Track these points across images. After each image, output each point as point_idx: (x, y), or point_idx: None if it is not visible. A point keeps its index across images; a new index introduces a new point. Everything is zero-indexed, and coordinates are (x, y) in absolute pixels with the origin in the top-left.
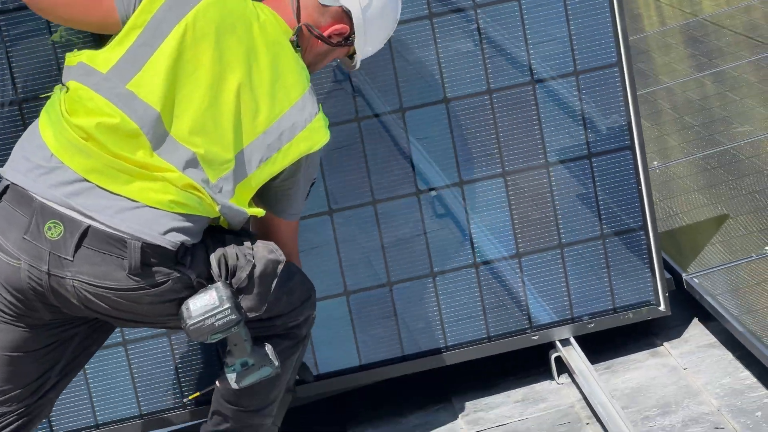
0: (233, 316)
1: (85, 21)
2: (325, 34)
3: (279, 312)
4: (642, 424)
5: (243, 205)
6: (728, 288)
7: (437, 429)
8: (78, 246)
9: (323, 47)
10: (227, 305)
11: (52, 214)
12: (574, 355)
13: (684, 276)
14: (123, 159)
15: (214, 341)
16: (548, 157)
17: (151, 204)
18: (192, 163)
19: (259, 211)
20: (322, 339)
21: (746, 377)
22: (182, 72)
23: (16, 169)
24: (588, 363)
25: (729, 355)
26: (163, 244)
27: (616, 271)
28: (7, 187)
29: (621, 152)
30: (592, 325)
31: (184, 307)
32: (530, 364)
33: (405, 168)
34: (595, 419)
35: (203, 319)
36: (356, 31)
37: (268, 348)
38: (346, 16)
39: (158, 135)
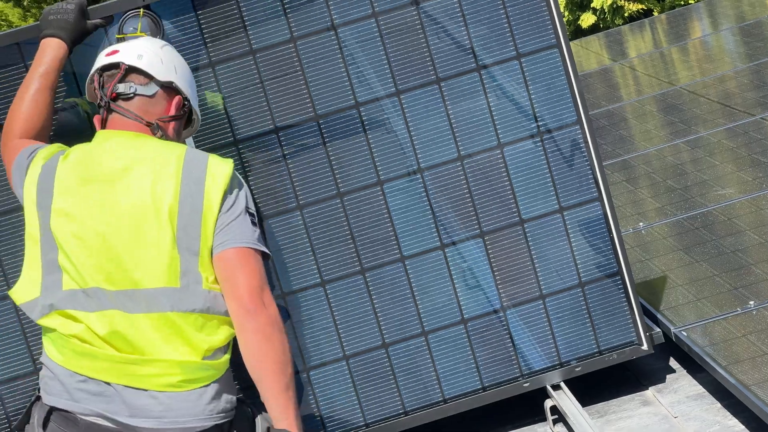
0: None
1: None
2: (172, 113)
3: None
4: None
5: (214, 283)
6: (715, 340)
7: None
8: None
9: (174, 125)
10: None
11: (99, 429)
12: (567, 401)
13: (672, 329)
14: (118, 350)
15: None
16: (522, 215)
17: (167, 389)
18: (151, 295)
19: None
20: (329, 399)
21: (734, 424)
22: (86, 245)
23: (49, 392)
24: (581, 408)
25: (717, 404)
26: (207, 425)
27: (597, 316)
28: (50, 411)
29: (590, 204)
30: (579, 368)
31: None
32: (528, 413)
33: (388, 235)
34: None
35: None
36: (186, 93)
37: None
38: (169, 89)
39: (116, 301)
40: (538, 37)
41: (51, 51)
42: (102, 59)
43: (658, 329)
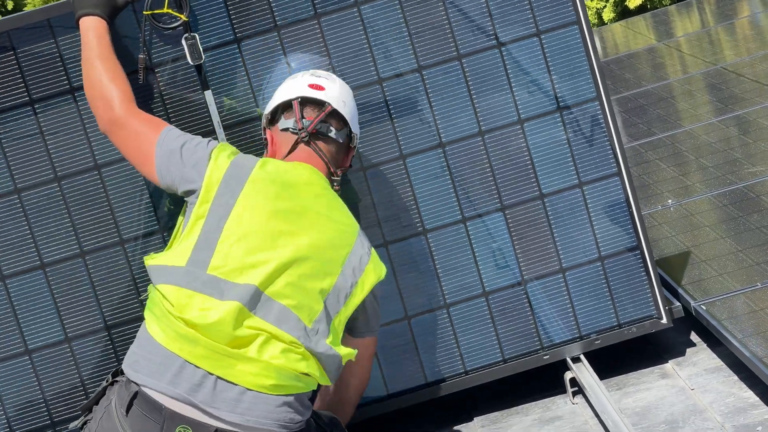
0: None
1: (133, 163)
2: (347, 165)
3: None
4: None
5: (337, 345)
6: (734, 314)
7: None
8: None
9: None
10: None
11: (181, 420)
12: (586, 374)
13: (692, 303)
14: (222, 342)
15: None
16: (542, 189)
17: (257, 389)
18: (286, 314)
19: (351, 353)
20: None
21: (749, 396)
22: (254, 244)
23: (139, 371)
24: (599, 381)
25: (734, 377)
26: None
27: (617, 290)
28: (136, 393)
29: (610, 179)
30: (599, 341)
31: None
32: (547, 385)
33: (410, 209)
34: None
35: None
36: (356, 142)
37: None
38: (349, 138)
39: (250, 301)
40: (558, 14)
41: (93, 30)
42: (305, 89)
43: (678, 303)
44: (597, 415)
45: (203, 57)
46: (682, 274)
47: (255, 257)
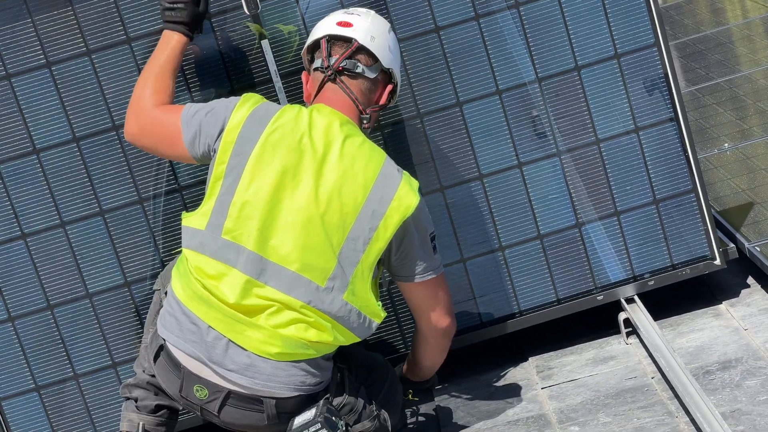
0: (324, 430)
1: (166, 155)
2: (382, 102)
3: None
4: (703, 377)
5: (359, 297)
6: None
7: (514, 383)
8: (222, 405)
9: (378, 112)
10: (320, 420)
11: (198, 380)
12: (639, 314)
13: (747, 245)
14: (234, 308)
15: None
16: (598, 134)
17: (263, 355)
18: (296, 280)
19: (373, 305)
20: (406, 314)
21: None
22: (262, 204)
23: (164, 326)
24: (652, 321)
25: None
26: (293, 395)
27: (671, 232)
28: (161, 346)
29: (665, 124)
30: (653, 282)
31: (291, 421)
32: (601, 326)
33: (467, 154)
34: (659, 374)
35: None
36: (397, 79)
37: None
38: (386, 74)
39: (260, 269)
40: None
41: (169, 50)
42: (332, 27)
43: (733, 245)
44: (650, 355)
45: (260, 6)
46: (737, 216)
47: (262, 221)
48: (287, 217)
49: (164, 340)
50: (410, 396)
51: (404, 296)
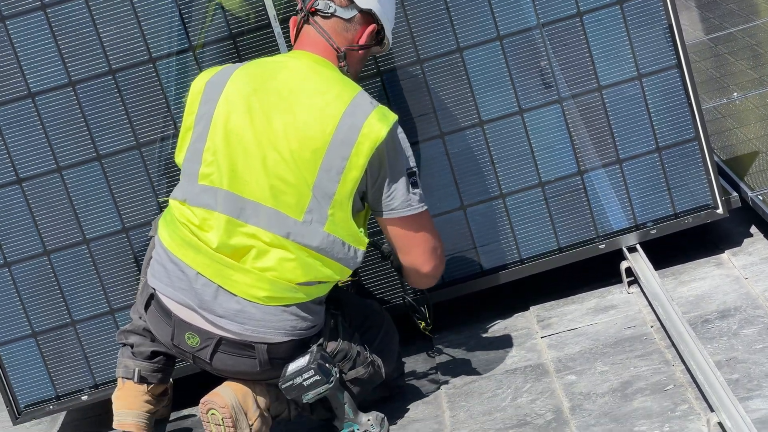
0: (318, 377)
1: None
2: (362, 42)
3: None
4: (701, 326)
5: (340, 227)
6: None
7: (514, 333)
8: (214, 353)
9: (361, 54)
10: (313, 366)
11: (189, 327)
12: (641, 263)
13: (750, 194)
14: (220, 251)
15: (309, 401)
16: (600, 81)
17: (252, 299)
18: (273, 216)
19: (355, 233)
20: None
21: None
22: (233, 145)
23: (153, 275)
24: (653, 270)
25: None
26: (284, 340)
27: (673, 181)
28: (152, 295)
29: (669, 71)
30: (655, 231)
31: (285, 367)
32: (603, 275)
33: (467, 100)
34: (659, 323)
35: (293, 379)
36: (382, 21)
37: (372, 415)
38: (367, 15)
39: (239, 207)
40: None
41: None
42: None
43: (736, 194)
44: (651, 304)
45: None
46: (742, 165)
47: (234, 161)
48: (258, 156)
49: (154, 289)
50: (423, 328)
51: (387, 238)
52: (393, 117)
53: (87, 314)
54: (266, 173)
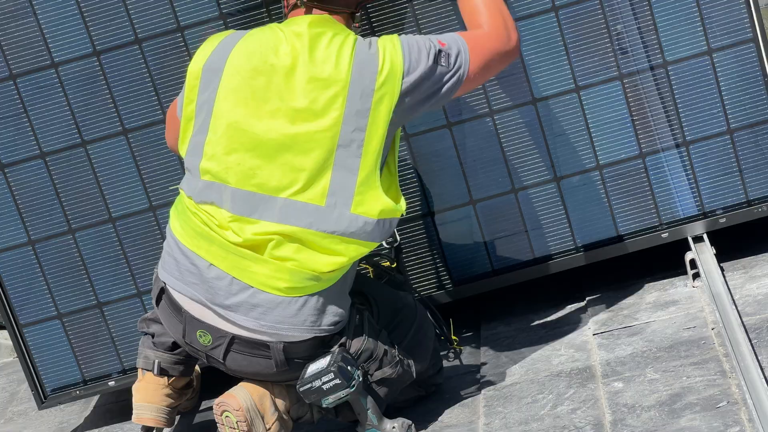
0: (338, 381)
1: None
2: None
3: None
4: (767, 331)
5: (371, 206)
6: None
7: (566, 327)
8: (227, 352)
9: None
10: (333, 369)
11: (200, 324)
12: (706, 255)
13: None
14: (234, 242)
15: (329, 405)
16: (666, 57)
17: (271, 291)
18: (290, 207)
19: (389, 206)
20: (454, 246)
21: None
22: (237, 137)
23: (164, 268)
24: (716, 263)
25: None
26: (304, 338)
27: (746, 165)
28: (162, 289)
29: (743, 45)
30: (724, 219)
31: (304, 369)
32: (667, 266)
33: (520, 77)
34: (721, 325)
35: (311, 382)
36: None
37: (398, 422)
38: None
39: (251, 205)
40: None
41: None
42: None
43: None
44: (714, 303)
45: None
46: None
47: (242, 154)
48: (267, 145)
49: (164, 283)
50: (456, 345)
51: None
52: (397, 42)
53: (114, 296)
54: (280, 163)
